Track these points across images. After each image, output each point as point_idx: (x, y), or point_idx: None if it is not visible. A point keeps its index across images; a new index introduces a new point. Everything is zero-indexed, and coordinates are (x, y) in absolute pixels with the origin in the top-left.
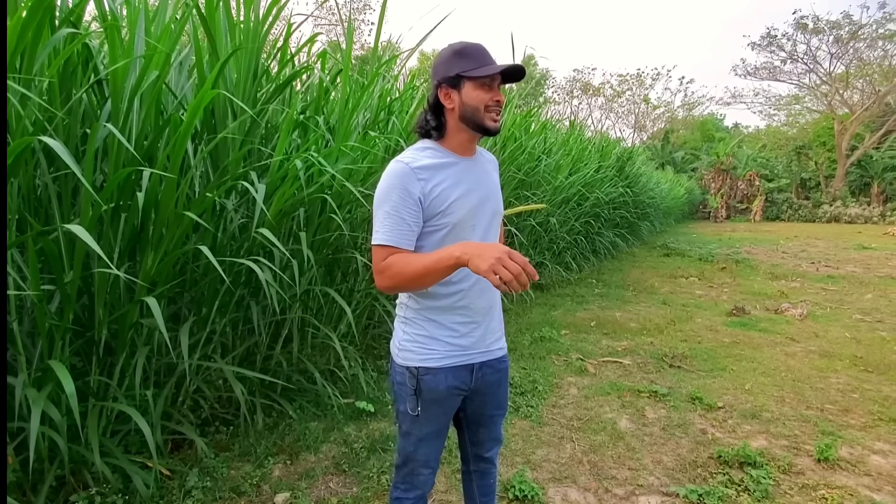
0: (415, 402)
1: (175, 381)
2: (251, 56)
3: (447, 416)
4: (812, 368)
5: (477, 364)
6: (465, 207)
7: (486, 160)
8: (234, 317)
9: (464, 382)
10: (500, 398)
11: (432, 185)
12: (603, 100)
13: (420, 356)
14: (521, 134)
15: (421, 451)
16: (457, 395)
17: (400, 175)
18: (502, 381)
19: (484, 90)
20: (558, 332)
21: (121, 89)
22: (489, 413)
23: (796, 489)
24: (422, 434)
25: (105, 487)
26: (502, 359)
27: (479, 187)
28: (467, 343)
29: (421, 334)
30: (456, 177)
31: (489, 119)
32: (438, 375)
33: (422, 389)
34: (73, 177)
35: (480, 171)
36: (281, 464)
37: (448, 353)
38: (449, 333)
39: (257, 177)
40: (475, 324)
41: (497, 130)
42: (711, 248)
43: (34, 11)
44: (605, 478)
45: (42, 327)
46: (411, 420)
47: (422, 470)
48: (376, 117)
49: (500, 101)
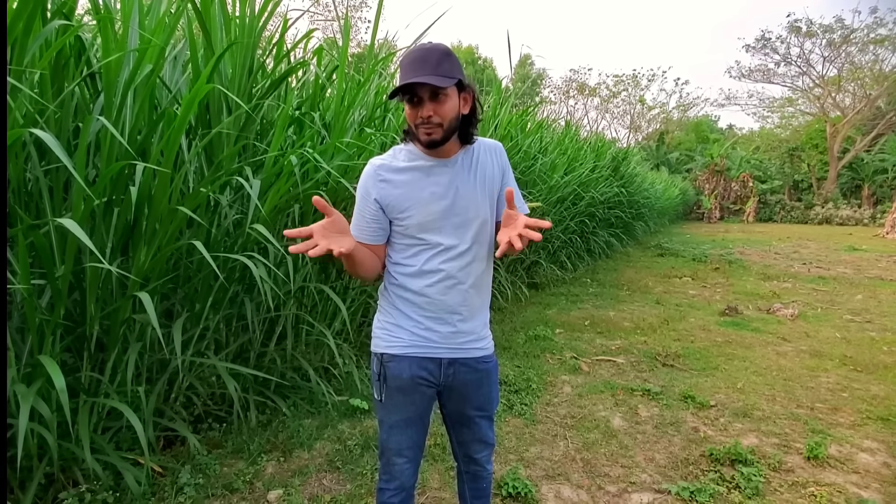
0: (380, 388)
1: (167, 377)
2: (246, 51)
3: (415, 407)
4: (803, 368)
5: (445, 360)
6: (425, 210)
7: (481, 155)
8: (228, 313)
9: (430, 374)
10: (480, 400)
11: (392, 188)
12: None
13: (386, 342)
14: (516, 133)
15: (392, 439)
16: (424, 386)
17: (364, 176)
18: (483, 383)
19: (409, 107)
20: (552, 330)
21: (114, 83)
22: (469, 414)
23: (786, 486)
24: (391, 422)
25: (96, 485)
26: (482, 359)
27: (448, 190)
28: (432, 337)
29: (389, 322)
30: (421, 180)
31: (421, 134)
32: (402, 363)
33: (386, 376)
34: (64, 170)
35: (458, 176)
36: (274, 461)
37: (412, 342)
38: (414, 324)
39: (252, 172)
40: (441, 320)
41: (429, 144)
42: (705, 248)
43: (25, 2)
44: (597, 475)
45: (32, 322)
46: (380, 407)
47: (396, 459)
48: (372, 114)
49: (425, 116)
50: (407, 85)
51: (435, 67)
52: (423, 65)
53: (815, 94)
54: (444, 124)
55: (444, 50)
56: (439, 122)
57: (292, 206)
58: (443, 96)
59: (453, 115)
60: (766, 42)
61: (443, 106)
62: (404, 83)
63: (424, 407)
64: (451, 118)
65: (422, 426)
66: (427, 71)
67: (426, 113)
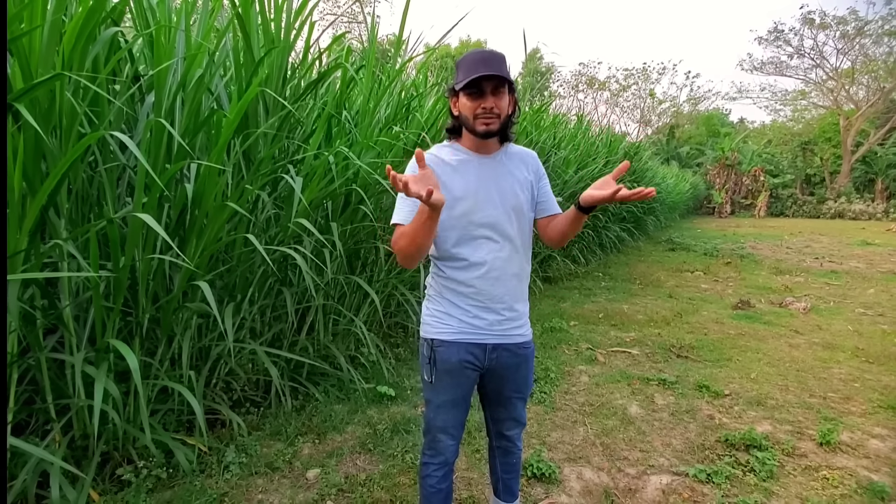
0: (430, 371)
1: (210, 364)
2: (282, 54)
3: (461, 388)
4: (815, 359)
5: (490, 345)
6: (471, 200)
7: (516, 158)
8: (263, 304)
9: (476, 359)
10: (518, 382)
11: (442, 169)
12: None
13: (436, 329)
14: (532, 129)
15: (439, 417)
16: (470, 370)
17: (412, 164)
18: (521, 366)
19: (470, 99)
20: (567, 323)
21: (164, 86)
22: (507, 394)
23: (799, 470)
24: (439, 402)
25: (150, 461)
26: (523, 345)
27: (489, 182)
28: (479, 324)
29: (439, 310)
30: (464, 172)
31: (478, 124)
32: (451, 348)
33: (436, 360)
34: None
35: (498, 169)
36: (310, 443)
37: (461, 329)
38: (462, 312)
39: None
40: (488, 309)
41: (486, 134)
42: (716, 243)
43: (92, 12)
44: (617, 458)
45: (98, 310)
46: (429, 388)
47: (441, 436)
48: (397, 112)
49: (488, 107)
50: (474, 79)
51: (500, 67)
52: (489, 63)
53: (828, 86)
54: (500, 116)
55: (503, 56)
56: (498, 114)
57: (325, 201)
58: (502, 92)
59: (508, 111)
60: (778, 34)
61: (502, 101)
62: (480, 75)
63: (469, 388)
64: (506, 113)
65: (465, 406)
66: (494, 68)
67: (489, 104)
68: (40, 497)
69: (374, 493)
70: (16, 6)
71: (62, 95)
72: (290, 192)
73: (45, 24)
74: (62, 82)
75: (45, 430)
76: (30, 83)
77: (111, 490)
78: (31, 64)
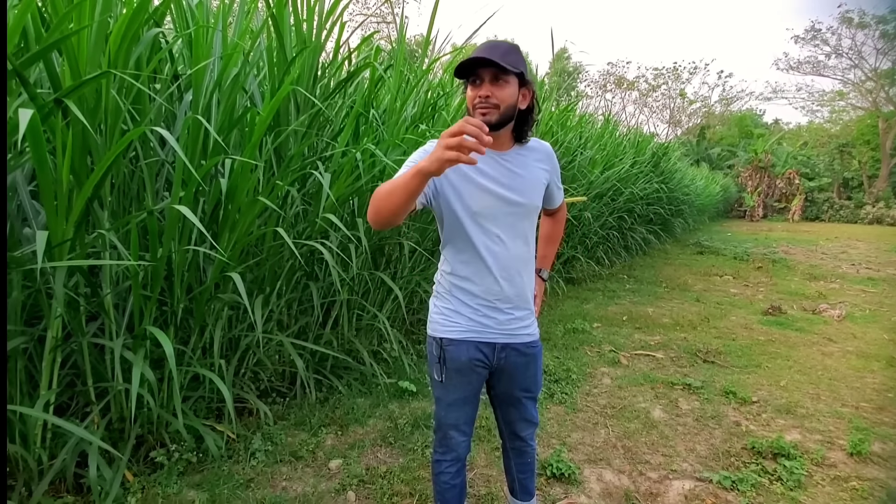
0: (440, 370)
1: (239, 354)
2: (313, 54)
3: (471, 386)
4: (849, 368)
5: (499, 344)
6: (478, 198)
7: (531, 154)
8: (291, 297)
9: (486, 357)
10: (527, 381)
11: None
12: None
13: (445, 327)
14: (558, 128)
15: (450, 415)
16: (479, 368)
17: (421, 149)
18: (530, 365)
19: (471, 88)
20: (590, 324)
21: (201, 86)
22: (516, 394)
23: (828, 480)
24: (449, 400)
25: (181, 446)
26: (531, 344)
27: (502, 182)
28: (489, 323)
29: (447, 308)
30: (476, 169)
31: (477, 115)
32: (460, 347)
33: (446, 358)
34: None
35: (511, 167)
36: (333, 434)
37: (469, 327)
38: (471, 311)
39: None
40: (496, 309)
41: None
42: (747, 246)
43: (137, 13)
44: (638, 462)
45: (136, 298)
46: (439, 386)
47: (452, 433)
48: (423, 111)
49: (483, 95)
50: (471, 67)
51: (502, 55)
52: (491, 51)
53: (867, 87)
54: (500, 107)
55: (513, 45)
56: (496, 104)
57: (351, 198)
58: (503, 81)
59: (511, 101)
60: (815, 33)
61: (502, 90)
62: (469, 59)
63: (478, 385)
64: (509, 104)
65: (475, 403)
66: (494, 57)
67: (484, 92)
68: (78, 476)
69: (394, 485)
70: (65, 6)
71: (108, 93)
72: (318, 189)
73: (92, 24)
74: (108, 80)
75: (84, 412)
76: (78, 80)
77: (145, 472)
78: (79, 62)
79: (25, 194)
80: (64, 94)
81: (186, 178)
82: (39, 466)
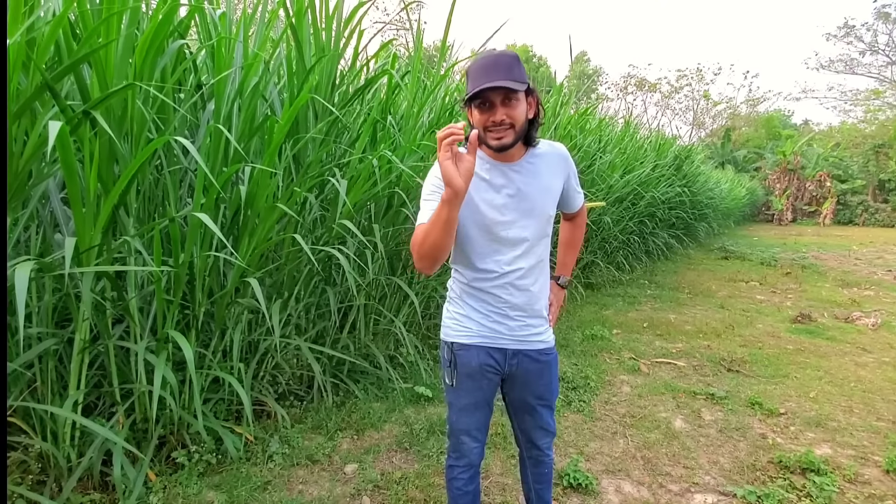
0: (451, 374)
1: (257, 357)
2: (332, 62)
3: (482, 392)
4: (885, 380)
5: (510, 350)
6: (491, 211)
7: (543, 161)
8: (308, 302)
9: (497, 363)
10: (541, 389)
11: None
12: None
13: (456, 332)
14: (576, 132)
15: (462, 420)
16: (491, 373)
17: (434, 168)
18: (544, 373)
19: (480, 111)
20: (610, 331)
21: (223, 95)
22: (531, 402)
23: (862, 498)
24: (460, 405)
25: (202, 447)
26: (545, 351)
27: (514, 193)
28: (500, 329)
29: (459, 313)
30: (488, 181)
31: (490, 138)
32: (471, 352)
33: (457, 363)
34: (178, 172)
35: (523, 177)
36: (349, 438)
37: (480, 333)
38: (483, 317)
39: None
40: (508, 316)
41: (500, 148)
42: (774, 252)
43: (162, 24)
44: (659, 473)
45: (160, 302)
46: (450, 390)
47: (464, 439)
48: (440, 117)
49: (497, 120)
50: (480, 90)
51: (507, 73)
52: (495, 70)
53: None
54: (515, 126)
55: (514, 56)
56: (511, 125)
57: (368, 204)
58: (515, 100)
59: (523, 118)
60: (849, 30)
61: (514, 110)
62: (481, 88)
63: (491, 392)
64: (522, 122)
65: (488, 409)
66: (500, 76)
67: (499, 117)
68: (104, 474)
69: (408, 491)
70: (94, 21)
71: (133, 104)
72: (335, 195)
73: (119, 37)
74: (133, 91)
75: (111, 412)
76: (105, 92)
77: (166, 472)
78: (107, 74)
79: (57, 202)
80: (91, 105)
81: (208, 185)
82: (68, 464)
